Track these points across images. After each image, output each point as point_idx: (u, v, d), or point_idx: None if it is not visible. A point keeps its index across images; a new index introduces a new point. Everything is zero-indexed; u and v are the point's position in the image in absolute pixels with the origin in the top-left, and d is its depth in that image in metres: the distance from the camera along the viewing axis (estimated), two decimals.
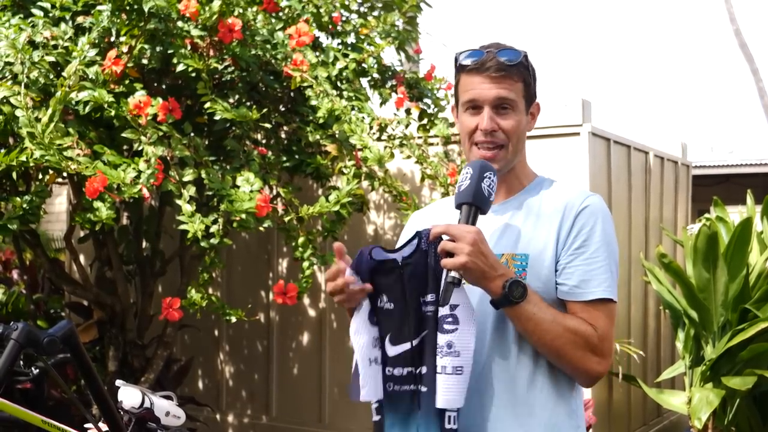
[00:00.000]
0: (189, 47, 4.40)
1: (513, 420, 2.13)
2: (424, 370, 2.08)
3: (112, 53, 4.20)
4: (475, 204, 2.05)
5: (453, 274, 1.98)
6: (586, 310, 2.09)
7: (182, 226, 4.06)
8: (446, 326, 1.99)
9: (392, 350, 2.14)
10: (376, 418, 2.17)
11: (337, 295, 2.12)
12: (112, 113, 4.10)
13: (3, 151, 4.14)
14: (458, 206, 2.08)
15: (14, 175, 4.35)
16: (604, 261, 2.12)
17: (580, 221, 2.13)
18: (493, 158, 2.16)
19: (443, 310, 2.00)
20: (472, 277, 2.00)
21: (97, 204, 3.92)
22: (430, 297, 2.08)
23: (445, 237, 2.02)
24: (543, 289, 2.12)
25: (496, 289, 2.02)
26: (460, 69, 2.21)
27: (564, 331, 2.05)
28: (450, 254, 1.99)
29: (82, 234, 6.08)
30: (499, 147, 2.17)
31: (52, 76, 4.15)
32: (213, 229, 4.08)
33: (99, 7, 4.27)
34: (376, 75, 5.23)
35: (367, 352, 2.13)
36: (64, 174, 4.42)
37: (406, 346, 2.11)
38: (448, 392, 1.99)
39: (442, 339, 2.00)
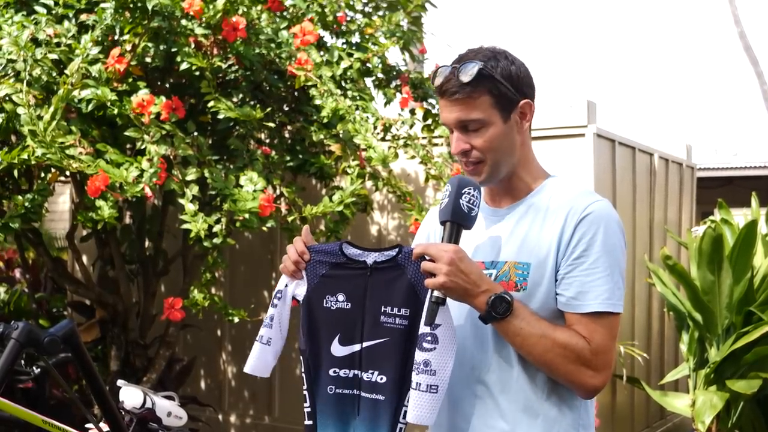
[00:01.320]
0: (193, 46, 4.39)
1: (513, 426, 2.11)
2: (383, 379, 2.10)
3: (116, 51, 4.19)
4: (455, 221, 2.04)
5: (436, 293, 1.98)
6: (583, 323, 2.06)
7: (185, 226, 4.05)
8: (425, 344, 1.99)
9: (340, 350, 2.16)
10: (308, 422, 2.20)
11: (288, 264, 2.22)
12: (115, 111, 4.09)
13: (5, 149, 4.13)
14: (441, 224, 2.07)
15: (16, 173, 4.34)
16: (604, 272, 2.07)
17: (581, 230, 2.08)
18: (474, 174, 2.15)
19: (424, 329, 2.00)
20: (454, 295, 2.00)
21: (99, 203, 3.91)
22: (397, 310, 2.10)
23: (427, 257, 2.03)
24: (544, 299, 2.09)
25: (481, 305, 2.01)
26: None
27: (553, 346, 2.02)
28: (432, 275, 1.99)
29: (84, 233, 6.06)
30: (477, 163, 2.15)
31: (54, 74, 4.14)
32: (216, 228, 4.06)
33: (102, 5, 4.26)
34: (380, 75, 5.22)
35: (262, 327, 2.28)
36: (67, 173, 4.41)
37: (355, 348, 2.14)
38: (419, 408, 2.00)
39: (419, 356, 2.00)
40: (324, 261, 2.19)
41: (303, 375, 2.22)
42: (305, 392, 2.20)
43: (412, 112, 5.05)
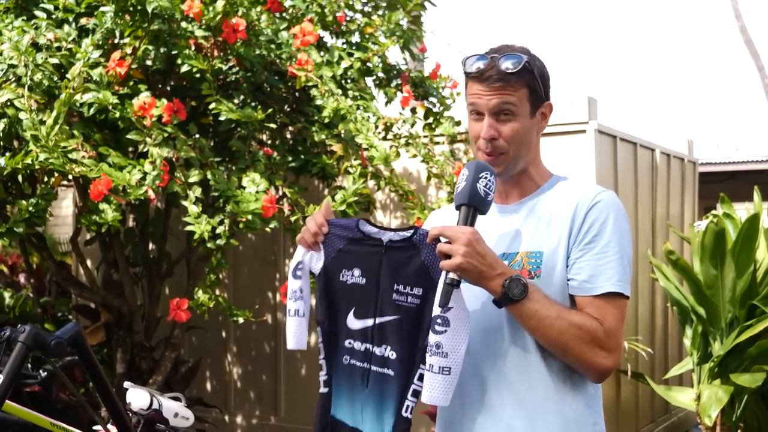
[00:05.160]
0: (193, 48, 4.40)
1: (532, 414, 2.13)
2: (393, 355, 2.14)
3: (116, 55, 4.20)
4: (472, 205, 2.06)
5: (451, 275, 1.99)
6: (595, 305, 2.09)
7: (188, 228, 4.06)
8: (437, 327, 2.02)
9: (355, 323, 2.21)
10: (323, 390, 2.25)
11: (308, 236, 2.25)
12: (117, 115, 4.10)
13: (8, 154, 4.14)
14: (457, 208, 2.09)
15: (20, 178, 4.36)
16: (615, 255, 2.11)
17: (592, 216, 2.13)
18: (494, 164, 2.16)
19: (436, 311, 2.03)
20: (469, 277, 2.02)
21: (103, 206, 3.92)
22: (409, 289, 2.13)
23: (443, 239, 2.04)
24: (558, 286, 2.12)
25: (496, 287, 2.02)
26: (465, 74, 2.23)
27: (568, 327, 2.04)
28: (448, 256, 2.00)
29: (88, 236, 6.08)
30: (499, 153, 2.17)
31: (56, 78, 4.15)
32: (219, 230, 4.07)
33: (102, 9, 4.28)
34: (381, 74, 5.23)
35: (289, 302, 2.30)
36: (70, 177, 4.42)
37: (368, 322, 2.19)
38: (432, 390, 2.03)
39: (432, 338, 2.03)
40: (341, 236, 2.24)
41: (320, 345, 2.26)
42: (322, 361, 2.25)
43: (413, 110, 5.06)
